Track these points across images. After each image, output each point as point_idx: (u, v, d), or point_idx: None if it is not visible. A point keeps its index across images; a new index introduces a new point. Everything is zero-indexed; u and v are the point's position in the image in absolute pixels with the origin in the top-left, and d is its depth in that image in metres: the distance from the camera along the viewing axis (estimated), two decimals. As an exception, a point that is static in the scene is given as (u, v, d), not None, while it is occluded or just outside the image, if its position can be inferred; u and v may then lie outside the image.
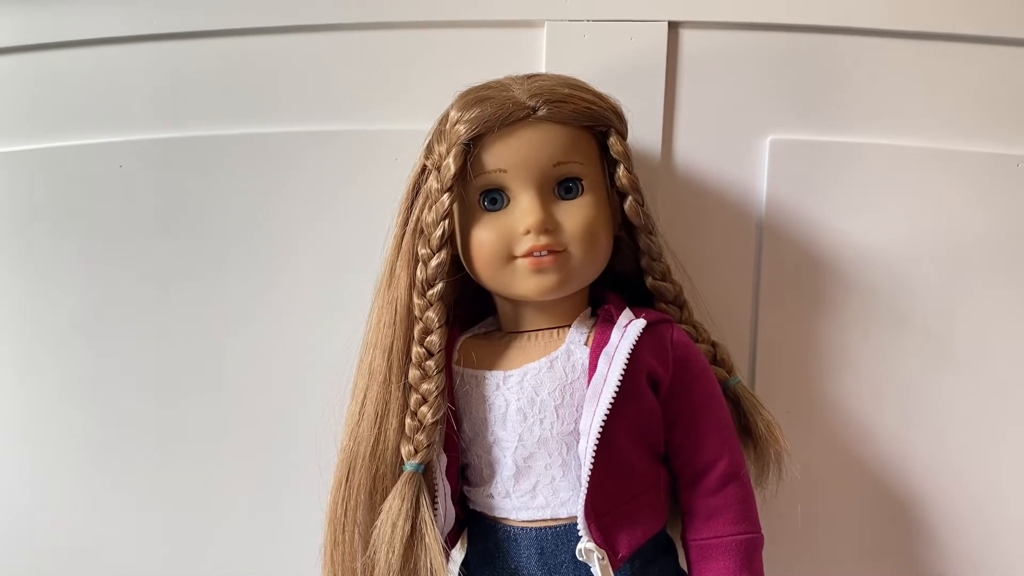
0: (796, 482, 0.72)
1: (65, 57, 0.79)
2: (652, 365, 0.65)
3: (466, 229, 0.66)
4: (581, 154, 0.65)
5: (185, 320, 0.80)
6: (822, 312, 0.77)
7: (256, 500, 0.81)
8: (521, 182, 0.64)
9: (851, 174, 0.76)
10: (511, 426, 0.66)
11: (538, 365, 0.66)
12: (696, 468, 0.67)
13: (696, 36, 0.75)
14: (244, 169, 0.79)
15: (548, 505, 0.65)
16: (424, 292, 0.66)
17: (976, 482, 0.78)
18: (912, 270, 0.76)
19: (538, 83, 0.64)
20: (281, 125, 0.78)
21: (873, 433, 0.78)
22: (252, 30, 0.78)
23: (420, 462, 0.65)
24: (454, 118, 0.64)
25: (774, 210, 0.76)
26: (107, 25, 0.78)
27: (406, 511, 0.63)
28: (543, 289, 0.65)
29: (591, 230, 0.65)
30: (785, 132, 0.76)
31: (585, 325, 0.68)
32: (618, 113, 0.67)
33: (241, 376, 0.80)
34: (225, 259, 0.79)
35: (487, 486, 0.67)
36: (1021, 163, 0.75)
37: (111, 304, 0.80)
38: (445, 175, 0.64)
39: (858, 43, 0.75)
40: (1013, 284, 0.76)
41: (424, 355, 0.66)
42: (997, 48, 0.75)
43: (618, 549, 0.64)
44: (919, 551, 0.78)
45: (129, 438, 0.81)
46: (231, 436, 0.81)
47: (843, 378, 0.77)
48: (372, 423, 0.66)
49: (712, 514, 0.66)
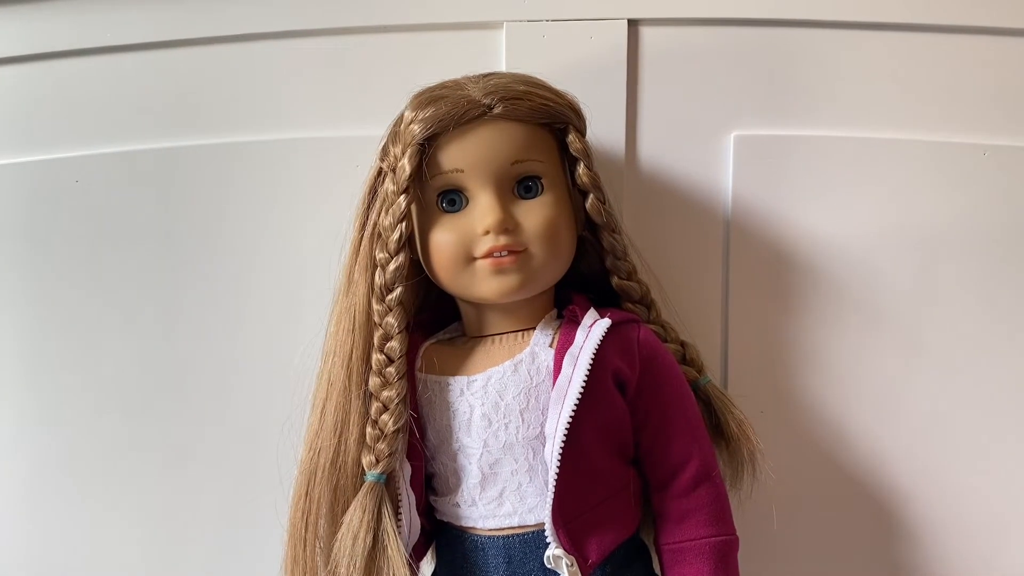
0: (771, 482, 0.71)
1: (16, 71, 0.78)
2: (618, 366, 0.64)
3: (424, 231, 0.65)
4: (539, 152, 0.64)
5: (144, 335, 0.79)
6: (793, 308, 0.76)
7: (219, 514, 0.79)
8: (479, 182, 0.63)
9: (817, 168, 0.75)
10: (476, 432, 0.64)
11: (502, 369, 0.65)
12: (667, 470, 0.66)
13: (656, 33, 0.75)
14: (202, 180, 0.77)
15: (515, 512, 0.64)
16: (383, 297, 0.64)
17: (950, 478, 0.76)
18: (882, 263, 0.75)
19: (493, 81, 0.64)
20: (239, 135, 0.78)
21: (847, 430, 0.76)
22: (207, 39, 0.77)
23: (382, 472, 0.63)
24: (408, 118, 0.63)
25: (740, 206, 0.75)
26: (59, 38, 0.77)
27: (367, 523, 0.62)
28: (504, 290, 0.63)
29: (552, 229, 0.64)
30: (749, 128, 0.75)
31: (550, 327, 0.66)
32: (576, 110, 0.66)
33: (202, 388, 0.79)
34: (184, 271, 0.78)
35: (453, 495, 0.66)
36: (988, 152, 0.75)
37: (69, 321, 0.79)
38: (400, 176, 0.63)
39: (820, 36, 0.75)
40: (983, 274, 0.75)
41: (384, 362, 0.64)
42: (961, 37, 0.75)
43: (588, 555, 0.62)
44: (895, 549, 0.77)
45: (88, 456, 0.80)
46: (192, 451, 0.79)
47: (816, 375, 0.76)
48: (332, 433, 0.64)
49: (684, 516, 0.65)
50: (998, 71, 0.75)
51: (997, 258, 0.75)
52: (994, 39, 0.74)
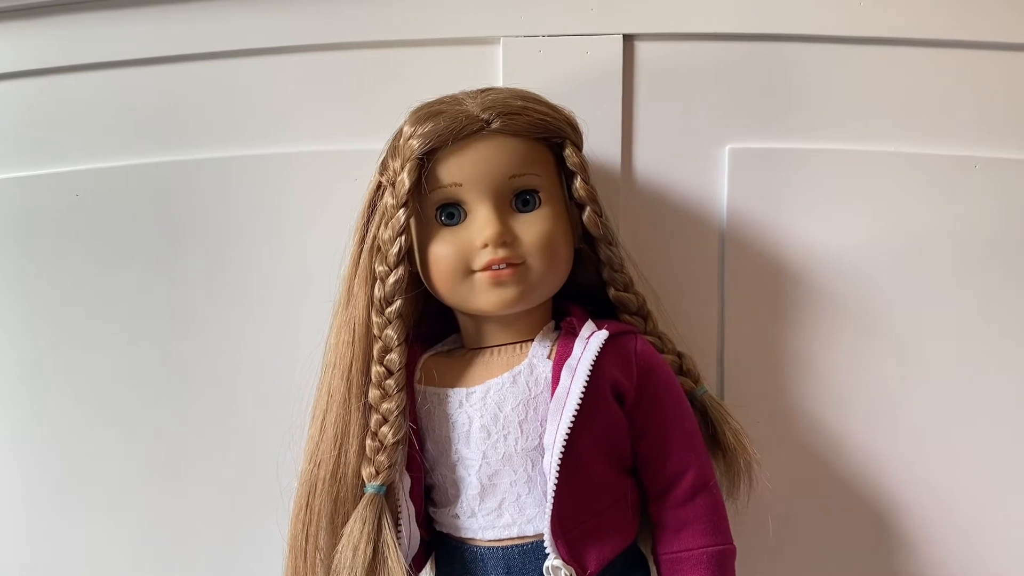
0: (767, 491, 0.71)
1: (17, 86, 0.78)
2: (616, 377, 0.65)
3: (423, 245, 0.65)
4: (537, 166, 0.65)
5: (144, 347, 0.79)
6: (788, 319, 0.77)
7: (219, 526, 0.79)
8: (477, 195, 0.63)
9: (811, 180, 0.76)
10: (475, 444, 0.65)
11: (501, 380, 0.65)
12: (664, 480, 0.66)
13: (651, 48, 0.76)
14: (202, 193, 0.78)
15: (514, 523, 0.64)
16: (382, 310, 0.65)
17: (946, 486, 0.77)
18: (875, 274, 0.76)
19: (491, 96, 0.64)
20: (239, 149, 0.78)
21: (843, 440, 0.77)
22: (207, 55, 0.77)
23: (382, 483, 0.63)
24: (407, 133, 0.64)
25: (736, 219, 0.76)
26: (57, 53, 0.77)
27: (368, 534, 0.62)
28: (503, 303, 0.64)
29: (550, 242, 0.64)
30: (744, 141, 0.76)
31: (548, 339, 0.67)
32: (572, 124, 0.67)
33: (202, 401, 0.79)
34: (184, 284, 0.78)
35: (452, 506, 0.66)
36: (979, 164, 0.75)
37: (69, 333, 0.79)
38: (400, 190, 0.63)
39: (813, 50, 0.76)
40: (975, 285, 0.76)
41: (384, 374, 0.65)
42: (952, 52, 0.75)
43: (586, 565, 0.63)
44: (891, 557, 0.77)
45: (88, 469, 0.80)
46: (193, 464, 0.79)
47: (811, 385, 0.77)
48: (332, 445, 0.64)
49: (682, 526, 0.65)
50: (988, 85, 0.75)
51: (988, 268, 0.76)
52: (984, 53, 0.75)
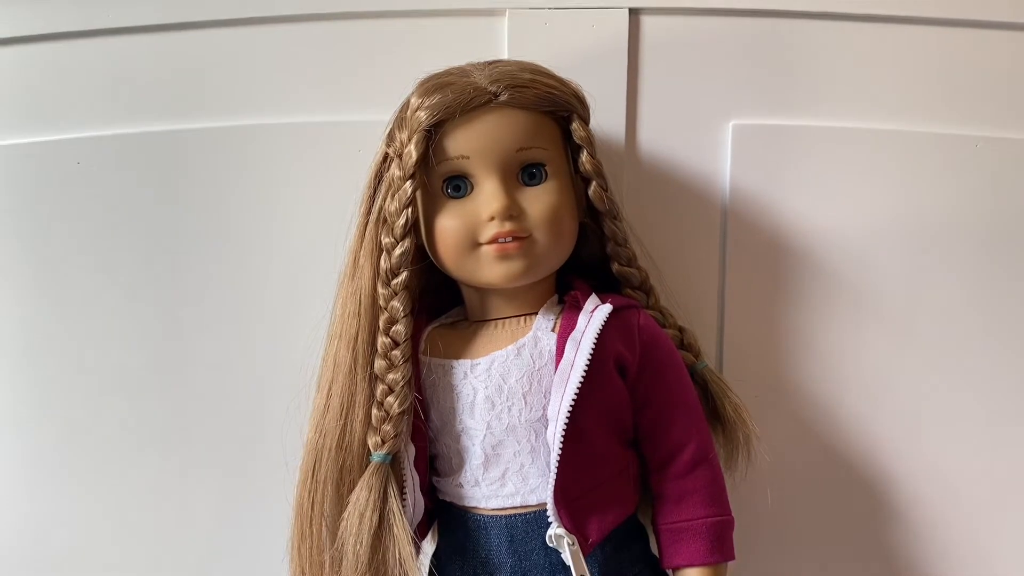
0: (765, 464, 0.72)
1: (19, 53, 0.77)
2: (619, 350, 0.65)
3: (430, 217, 0.65)
4: (544, 140, 0.65)
5: (148, 317, 0.79)
6: (789, 295, 0.77)
7: (223, 495, 0.80)
8: (484, 168, 0.63)
9: (814, 157, 0.76)
10: (479, 414, 0.65)
11: (505, 353, 0.66)
12: (665, 452, 0.67)
13: (657, 22, 0.76)
14: (206, 164, 0.77)
15: (518, 492, 0.65)
16: (388, 281, 0.65)
17: (941, 461, 0.78)
18: (877, 251, 0.77)
19: (499, 69, 0.64)
20: (243, 118, 0.77)
21: (840, 414, 0.78)
22: (210, 23, 0.77)
23: (387, 452, 0.64)
24: (415, 105, 0.63)
25: (738, 195, 0.76)
26: (60, 20, 0.76)
27: (373, 502, 0.63)
28: (509, 275, 0.64)
29: (556, 215, 0.64)
30: (748, 117, 0.76)
31: (552, 312, 0.67)
32: (580, 98, 0.67)
33: (206, 371, 0.79)
34: (188, 255, 0.78)
35: (456, 475, 0.67)
36: (980, 143, 0.76)
37: (70, 303, 0.79)
38: (407, 162, 0.63)
39: (818, 27, 0.76)
40: (975, 263, 0.77)
41: (390, 345, 0.65)
42: (956, 29, 0.76)
43: (588, 534, 0.64)
44: (886, 529, 0.79)
45: (92, 437, 0.80)
46: (197, 432, 0.80)
47: (810, 360, 0.77)
48: (338, 415, 0.65)
49: (682, 497, 0.66)
50: (992, 63, 0.76)
51: (989, 247, 0.77)
52: (988, 32, 0.76)
